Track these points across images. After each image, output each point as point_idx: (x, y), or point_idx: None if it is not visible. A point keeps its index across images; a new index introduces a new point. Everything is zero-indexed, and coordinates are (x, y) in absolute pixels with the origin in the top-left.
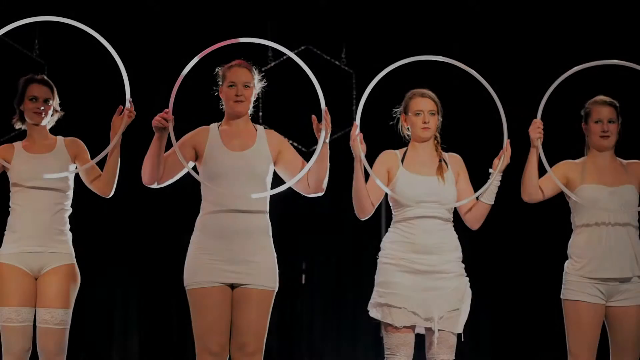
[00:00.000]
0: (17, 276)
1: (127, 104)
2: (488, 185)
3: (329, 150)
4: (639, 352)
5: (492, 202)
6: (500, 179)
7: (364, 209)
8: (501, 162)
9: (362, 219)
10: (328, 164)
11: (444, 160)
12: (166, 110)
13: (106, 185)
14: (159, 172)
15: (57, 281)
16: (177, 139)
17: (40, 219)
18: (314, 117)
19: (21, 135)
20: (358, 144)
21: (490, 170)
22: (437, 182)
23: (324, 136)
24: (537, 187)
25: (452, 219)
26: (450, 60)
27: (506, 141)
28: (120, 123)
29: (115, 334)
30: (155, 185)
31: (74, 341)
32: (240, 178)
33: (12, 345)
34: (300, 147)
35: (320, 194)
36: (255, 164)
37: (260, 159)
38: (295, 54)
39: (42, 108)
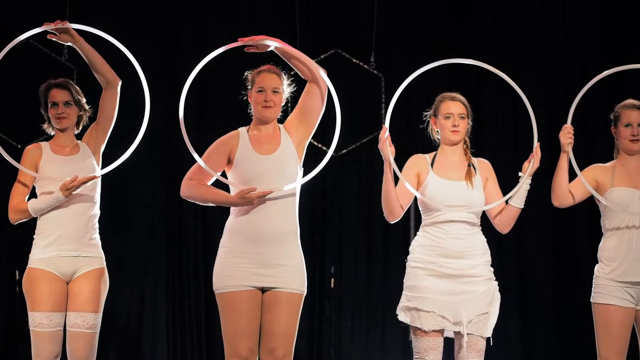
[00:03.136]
0: (50, 281)
1: None
2: (518, 188)
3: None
4: None
5: (522, 206)
6: (530, 182)
7: (393, 212)
8: (531, 165)
9: (392, 222)
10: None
11: (473, 165)
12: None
13: (107, 75)
14: None
15: (89, 285)
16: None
17: (76, 223)
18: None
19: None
20: (387, 147)
21: (520, 174)
22: (465, 187)
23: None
24: (567, 192)
25: (480, 223)
26: (481, 64)
27: (536, 144)
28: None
29: (144, 336)
30: None
31: (103, 343)
32: (272, 180)
33: (42, 350)
34: (325, 148)
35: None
36: (284, 165)
37: (289, 160)
38: (324, 57)
39: (61, 112)
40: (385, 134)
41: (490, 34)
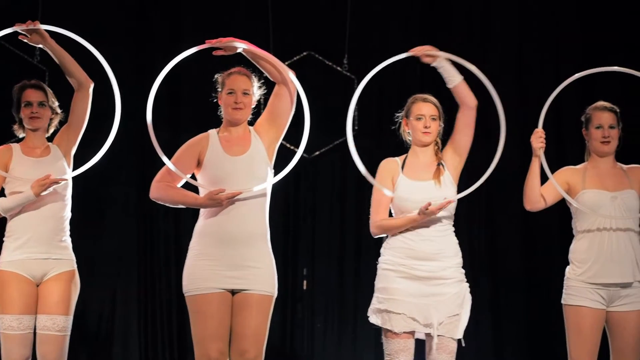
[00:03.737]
0: (19, 283)
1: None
2: (445, 72)
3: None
4: (639, 358)
5: (461, 77)
6: (443, 64)
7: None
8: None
9: (376, 237)
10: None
11: (442, 163)
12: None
13: (79, 77)
14: None
15: (59, 288)
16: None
17: (46, 225)
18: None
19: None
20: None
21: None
22: (433, 186)
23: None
24: (539, 196)
25: (453, 222)
26: (456, 58)
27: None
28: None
29: (115, 338)
30: None
31: (74, 346)
32: (241, 181)
33: (12, 353)
34: (295, 149)
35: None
36: (254, 167)
37: (259, 162)
38: (297, 60)
39: (36, 112)
40: (440, 205)
41: (463, 36)
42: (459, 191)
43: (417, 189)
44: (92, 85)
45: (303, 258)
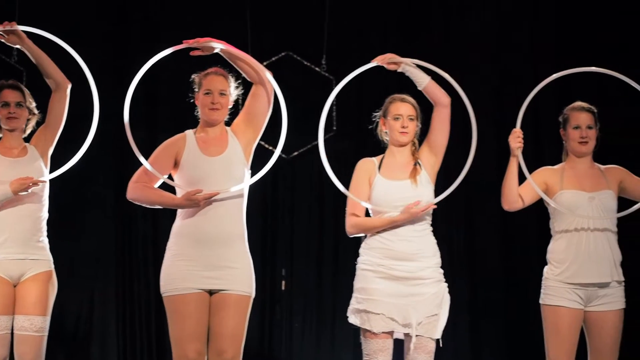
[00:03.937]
0: None
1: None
2: (413, 75)
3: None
4: (616, 357)
5: (428, 77)
6: (407, 68)
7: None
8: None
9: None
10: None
11: (419, 163)
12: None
13: (56, 77)
14: None
15: (37, 288)
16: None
17: (24, 225)
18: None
19: None
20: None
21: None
22: (410, 185)
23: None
24: (517, 196)
25: (431, 222)
26: (422, 63)
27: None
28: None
29: (93, 339)
30: None
31: (52, 346)
32: (219, 182)
33: None
34: (273, 149)
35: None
36: (231, 167)
37: (236, 163)
38: (276, 60)
39: (13, 112)
40: (424, 207)
41: (441, 37)
42: (436, 191)
43: (394, 189)
44: (69, 86)
45: (281, 258)
